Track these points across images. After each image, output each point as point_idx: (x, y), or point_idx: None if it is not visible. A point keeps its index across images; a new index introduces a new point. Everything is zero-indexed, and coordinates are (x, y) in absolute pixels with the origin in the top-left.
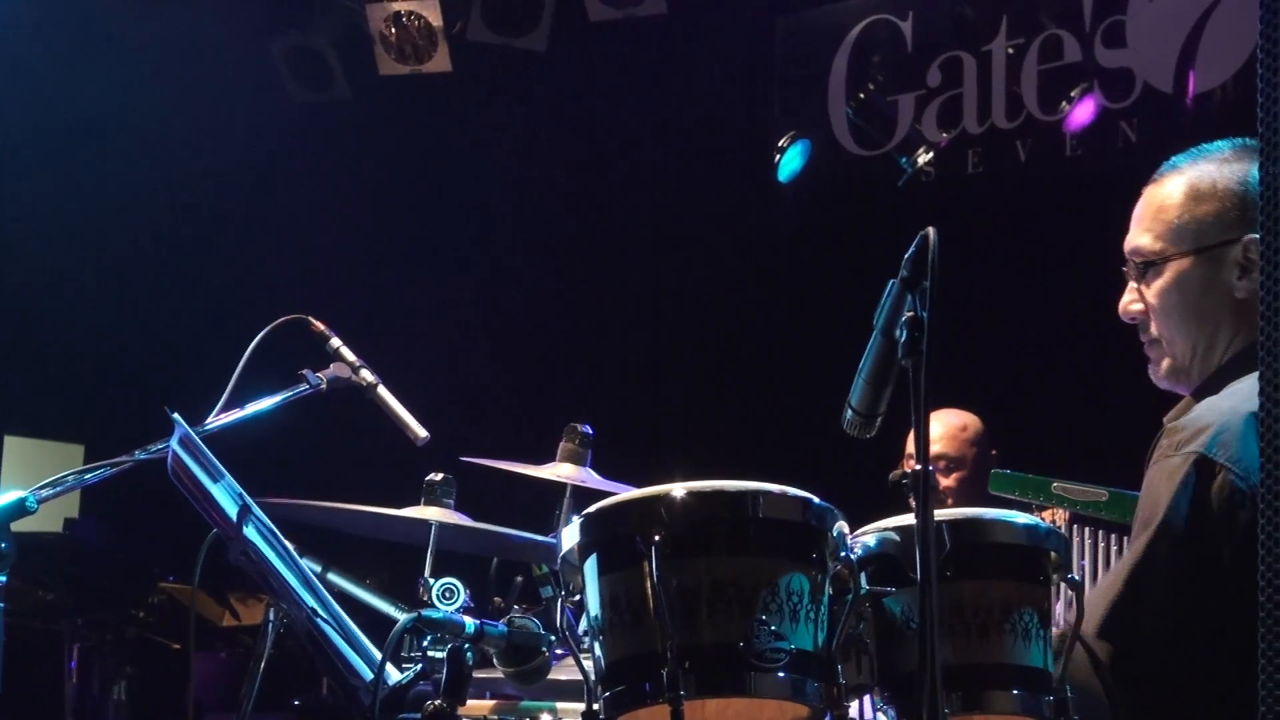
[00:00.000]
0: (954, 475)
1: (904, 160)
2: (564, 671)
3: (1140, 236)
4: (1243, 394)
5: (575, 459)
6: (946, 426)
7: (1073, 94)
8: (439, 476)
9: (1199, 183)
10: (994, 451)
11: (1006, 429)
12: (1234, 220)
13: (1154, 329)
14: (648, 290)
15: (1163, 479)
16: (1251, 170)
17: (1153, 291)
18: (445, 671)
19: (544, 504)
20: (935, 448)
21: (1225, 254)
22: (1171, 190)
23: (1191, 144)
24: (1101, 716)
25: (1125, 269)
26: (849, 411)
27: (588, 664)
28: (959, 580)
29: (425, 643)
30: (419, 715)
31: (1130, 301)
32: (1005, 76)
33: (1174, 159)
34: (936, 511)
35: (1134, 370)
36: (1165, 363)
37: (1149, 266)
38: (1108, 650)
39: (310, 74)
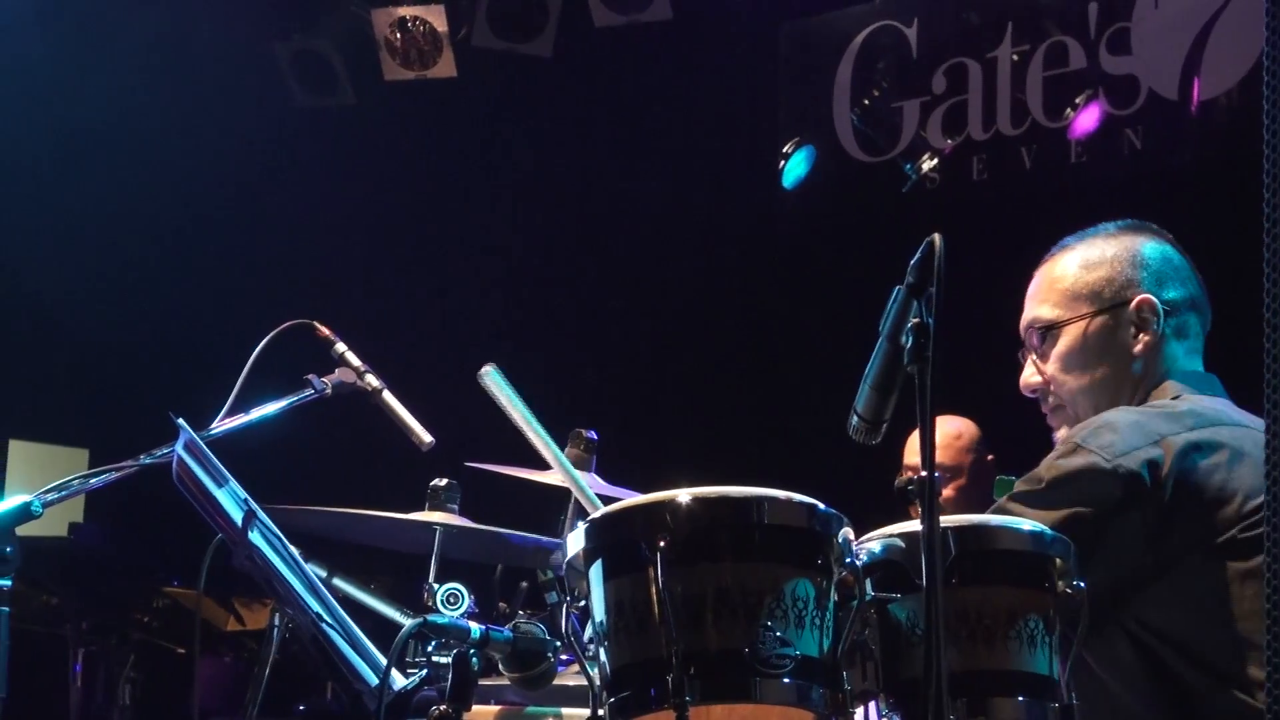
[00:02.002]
0: (951, 484)
1: (909, 167)
2: (569, 677)
3: (1038, 309)
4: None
5: (580, 464)
6: (942, 435)
7: (1077, 101)
8: (444, 482)
9: (1089, 254)
10: (990, 458)
11: (1008, 436)
12: (1126, 282)
13: (1055, 396)
14: (653, 296)
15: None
16: (1141, 242)
17: (1052, 357)
18: (450, 677)
19: (549, 509)
20: None
21: (1120, 313)
22: (1065, 264)
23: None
24: None
25: (1020, 351)
26: (854, 418)
27: (593, 670)
28: (964, 586)
29: (430, 648)
30: None
31: (1030, 375)
32: (1010, 83)
33: (1064, 240)
34: (942, 518)
35: None
36: (1063, 436)
37: (1047, 332)
38: None
39: (315, 79)
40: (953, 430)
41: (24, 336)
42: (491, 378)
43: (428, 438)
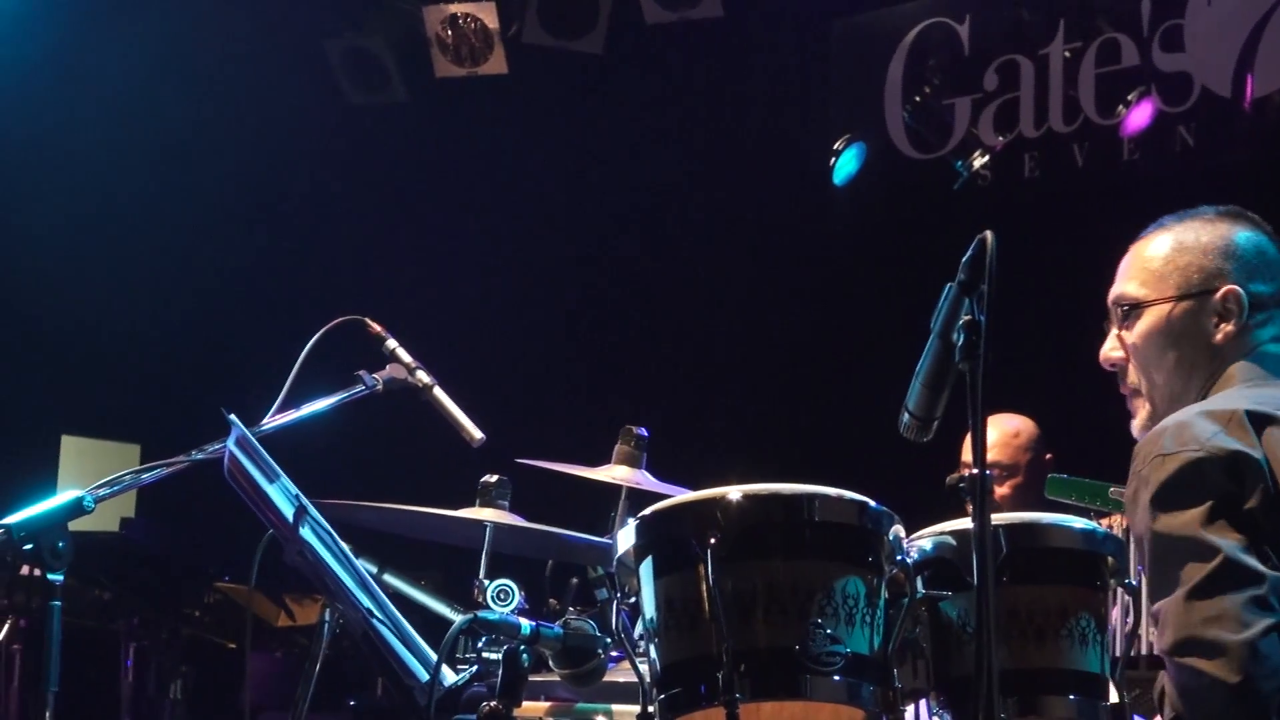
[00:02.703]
0: (1008, 482)
1: (960, 164)
2: (619, 674)
3: (1125, 285)
4: (1195, 406)
5: (631, 461)
6: (1000, 433)
7: (1130, 98)
8: (494, 478)
9: (1183, 237)
10: (1048, 456)
11: (1063, 434)
12: (1215, 272)
13: (1133, 375)
14: (703, 293)
15: (1139, 494)
16: (1237, 231)
17: (1134, 335)
18: (501, 673)
19: (599, 506)
20: (988, 455)
21: (1205, 302)
22: (1158, 244)
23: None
24: None
25: (1106, 321)
26: (906, 415)
27: (643, 666)
28: (1015, 585)
29: (481, 644)
30: (474, 717)
31: (1111, 349)
32: (1062, 80)
33: (1162, 219)
34: (993, 516)
35: None
36: (1144, 412)
37: (1131, 311)
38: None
39: (366, 76)
40: (1010, 428)
41: (76, 333)
42: None
43: (478, 434)
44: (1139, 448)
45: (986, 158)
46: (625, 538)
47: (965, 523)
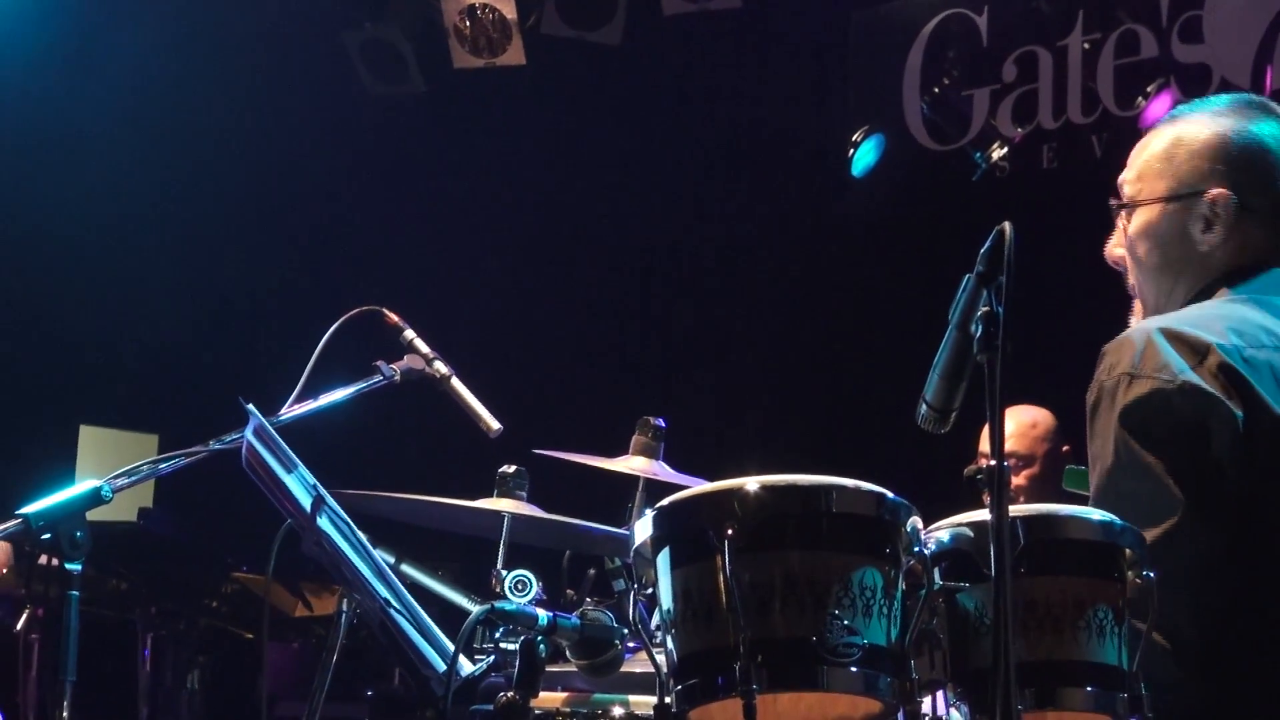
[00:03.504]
0: (1024, 473)
1: (978, 155)
2: (636, 665)
3: (1126, 173)
4: (1177, 312)
5: (648, 452)
6: (1017, 424)
7: (1149, 89)
8: (512, 469)
9: (1184, 133)
10: (1066, 448)
11: (1082, 425)
12: (1206, 173)
13: (1129, 276)
14: (721, 284)
15: (1105, 412)
16: (1245, 127)
17: (1129, 235)
18: (518, 664)
19: (616, 497)
20: (1005, 445)
21: (1193, 204)
22: (1162, 136)
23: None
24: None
25: (1112, 201)
26: (923, 406)
27: (660, 657)
28: (1033, 576)
29: (498, 635)
30: (491, 707)
31: (1114, 245)
32: (1081, 72)
33: (1179, 108)
34: (1011, 507)
35: None
36: (1137, 309)
37: (1125, 208)
38: None
39: (385, 67)
40: (1028, 419)
41: (94, 324)
42: None
43: (495, 424)
44: (1105, 350)
45: (1005, 149)
46: (642, 528)
47: (983, 514)
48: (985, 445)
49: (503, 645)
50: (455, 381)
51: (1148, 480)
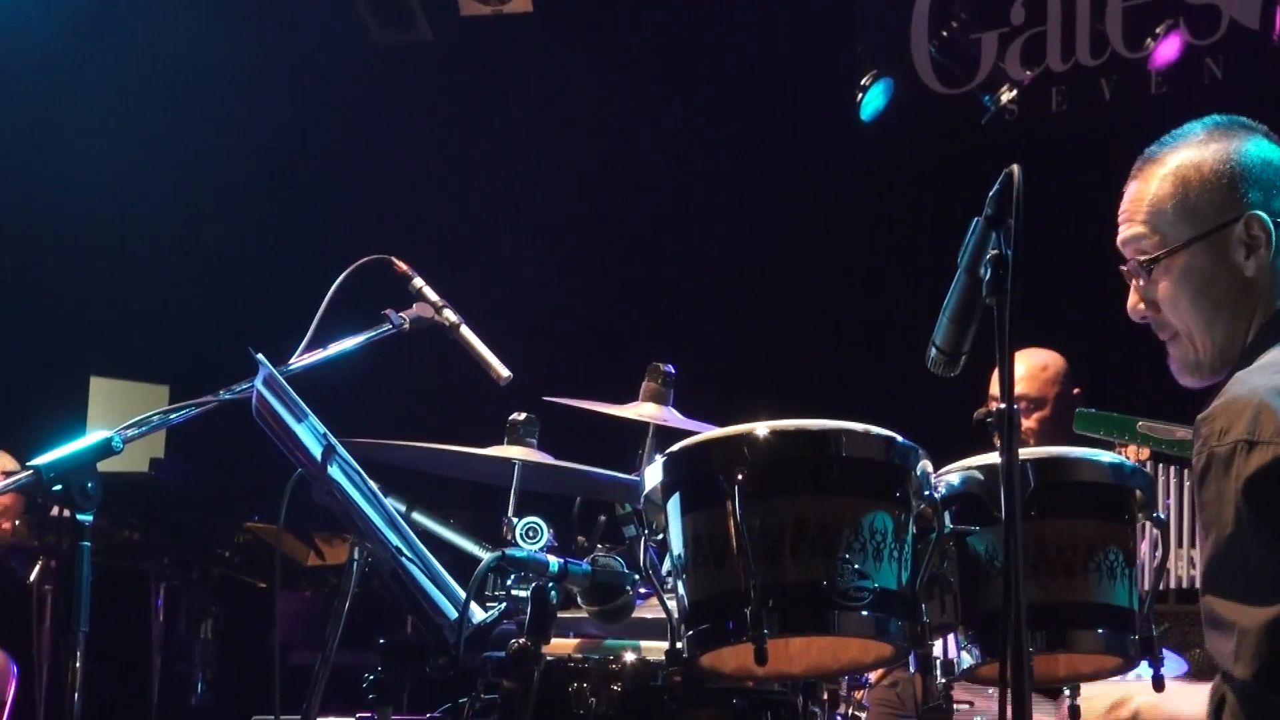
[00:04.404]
0: (1035, 415)
1: (987, 98)
2: (647, 610)
3: (1133, 229)
4: (1274, 365)
5: (658, 398)
6: (1028, 367)
7: (1158, 30)
8: (522, 416)
9: (1184, 170)
10: (1077, 390)
11: (1091, 368)
12: (1227, 201)
13: (1171, 324)
14: (730, 229)
15: (1216, 479)
16: (1237, 147)
17: (1161, 288)
18: (529, 610)
19: (627, 443)
20: (1016, 388)
21: (1228, 235)
22: (1158, 180)
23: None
24: None
25: (1124, 268)
26: (933, 350)
27: (671, 603)
28: (1043, 519)
29: (509, 582)
30: (503, 654)
31: (1136, 302)
32: (1090, 13)
33: (1149, 149)
34: (1021, 450)
35: None
36: (1186, 354)
37: (1152, 265)
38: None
39: (392, 15)
40: (1039, 361)
41: (104, 275)
42: None
43: (505, 372)
44: (1213, 416)
45: (1014, 92)
46: (652, 474)
47: (993, 457)
48: (995, 388)
49: (514, 592)
50: (464, 329)
51: (1277, 554)
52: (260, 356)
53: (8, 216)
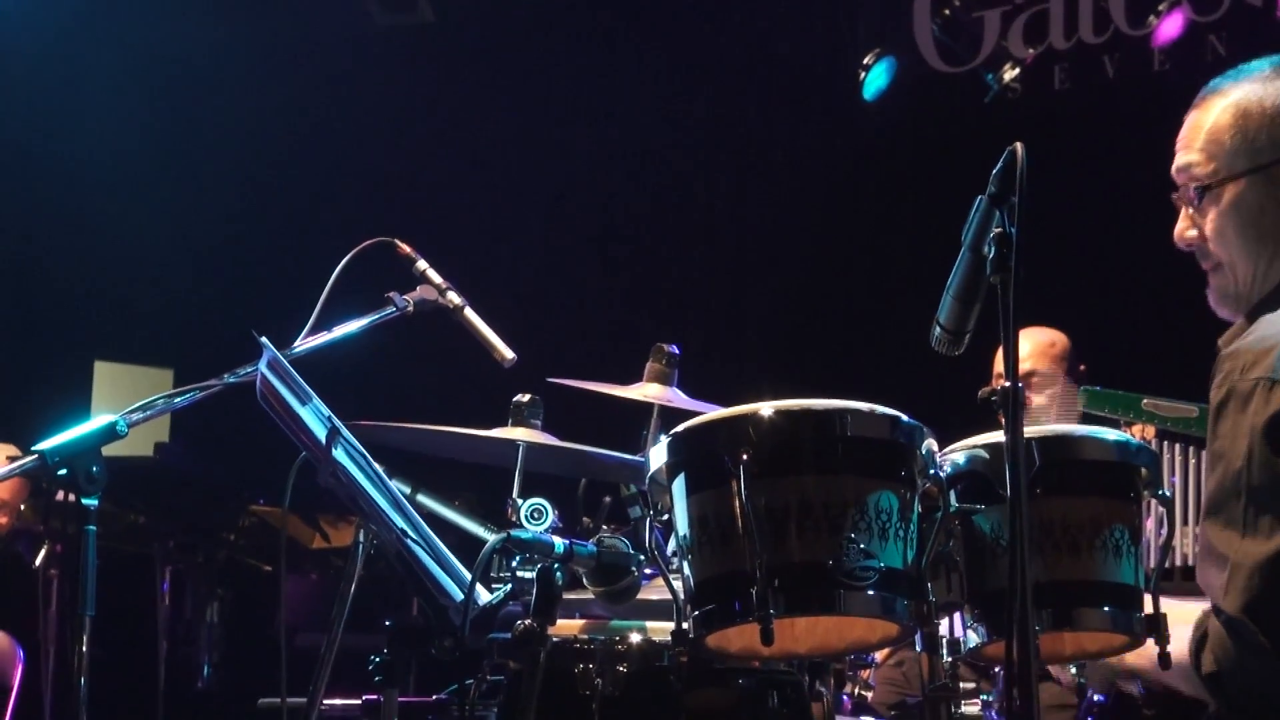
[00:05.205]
0: (1047, 392)
1: (990, 77)
2: (653, 591)
3: (1189, 156)
4: None
5: (662, 379)
6: (1035, 344)
7: (1161, 7)
8: (526, 397)
9: (1245, 102)
10: (1082, 368)
11: (1096, 346)
12: None
13: (1214, 254)
14: (735, 209)
15: (1234, 413)
16: None
17: (1210, 217)
18: (535, 592)
19: (631, 424)
20: (1023, 365)
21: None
22: (1220, 110)
23: None
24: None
25: (1175, 195)
26: (937, 329)
27: (677, 583)
28: (1049, 497)
29: (515, 563)
30: (509, 635)
31: (1185, 229)
32: None
33: (1213, 82)
34: (1026, 428)
35: None
36: (1229, 289)
37: (1204, 191)
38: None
39: None
40: (1046, 339)
41: (109, 259)
42: None
43: (509, 354)
44: (1238, 352)
45: (1017, 70)
46: (657, 455)
47: (998, 436)
48: (999, 367)
49: (520, 574)
50: (468, 311)
51: None
52: (264, 340)
53: (11, 202)
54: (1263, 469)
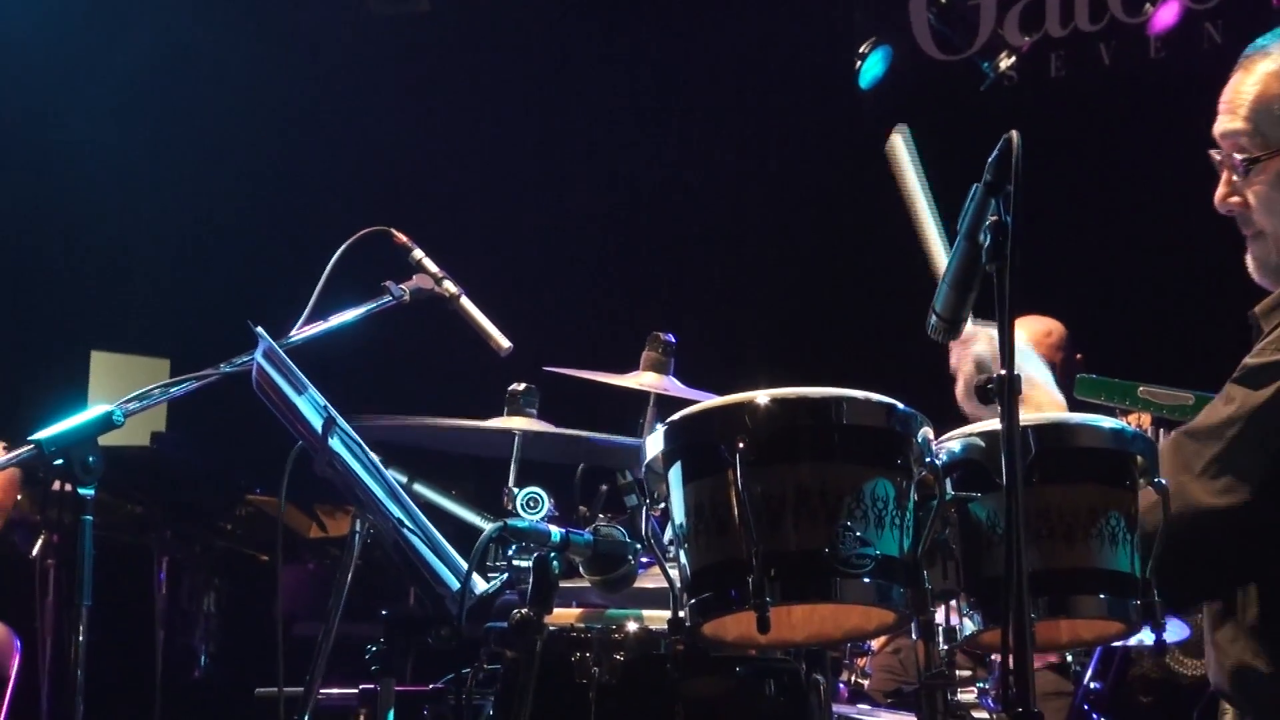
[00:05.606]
0: None
1: (986, 65)
2: (650, 579)
3: (1233, 123)
4: None
5: (658, 367)
6: (1032, 332)
7: None
8: (522, 386)
9: None
10: (1079, 356)
11: (1092, 334)
12: None
13: (1257, 223)
14: (730, 197)
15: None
16: None
17: (1254, 187)
18: (531, 580)
19: (627, 413)
20: None
21: None
22: (1267, 79)
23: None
24: None
25: (1218, 158)
26: (933, 317)
27: (673, 572)
28: (1045, 485)
29: (511, 552)
30: (506, 624)
31: (1227, 195)
32: None
33: (1260, 41)
34: (1021, 416)
35: (1218, 274)
36: (1270, 260)
37: (1251, 164)
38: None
39: None
40: (1043, 328)
41: (105, 249)
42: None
43: (505, 343)
44: None
45: (1013, 58)
46: (654, 443)
47: (994, 424)
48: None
49: (516, 562)
50: (465, 300)
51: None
52: (260, 329)
53: (7, 192)
54: (1260, 433)
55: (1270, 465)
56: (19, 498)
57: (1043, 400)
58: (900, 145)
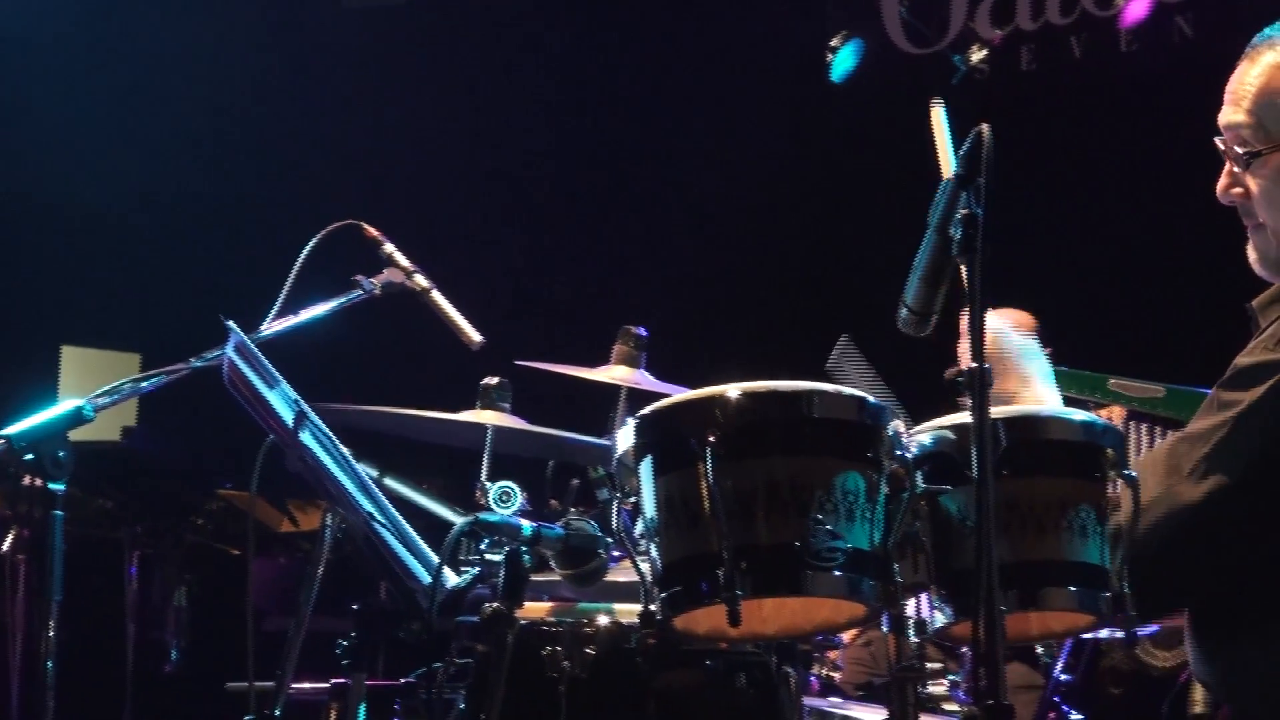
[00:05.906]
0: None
1: (958, 58)
2: (621, 573)
3: (1236, 115)
4: None
5: (630, 361)
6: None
7: None
8: (494, 380)
9: None
10: (1048, 350)
11: (1062, 327)
12: None
13: (1260, 216)
14: (701, 192)
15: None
16: None
17: (1257, 181)
18: (503, 574)
19: (599, 407)
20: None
21: None
22: (1270, 69)
23: (1249, 39)
24: None
25: (1221, 147)
26: (904, 310)
27: (644, 565)
28: (1015, 478)
29: (482, 546)
30: (477, 618)
31: (1228, 186)
32: None
33: (1268, 31)
34: (992, 409)
35: (1189, 268)
36: (1270, 253)
37: (1253, 157)
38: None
39: None
40: (1014, 320)
41: (75, 242)
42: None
43: (477, 337)
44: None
45: (984, 51)
46: (624, 437)
47: (964, 417)
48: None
49: (488, 556)
50: (436, 294)
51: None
52: (231, 323)
53: None
54: (1249, 430)
55: (1256, 458)
56: None
57: (1034, 401)
58: (939, 119)
